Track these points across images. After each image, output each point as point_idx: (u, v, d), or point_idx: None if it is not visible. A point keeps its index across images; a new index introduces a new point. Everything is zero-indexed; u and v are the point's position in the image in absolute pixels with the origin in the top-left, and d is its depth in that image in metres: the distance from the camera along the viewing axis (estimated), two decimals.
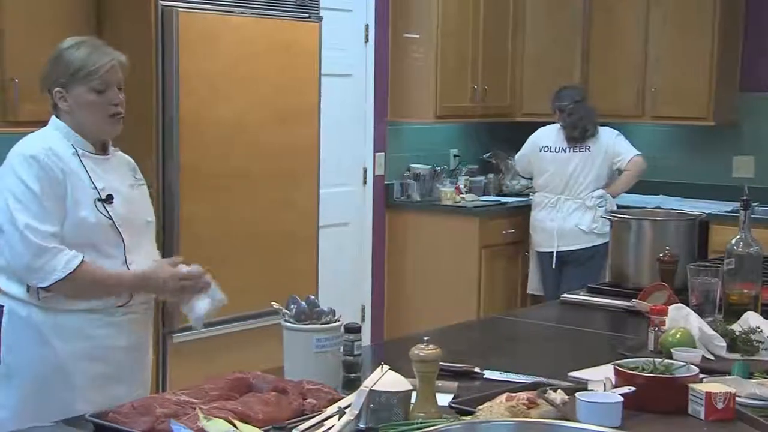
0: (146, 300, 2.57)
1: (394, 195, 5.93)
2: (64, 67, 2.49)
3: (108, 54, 2.50)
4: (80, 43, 2.53)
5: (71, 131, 2.50)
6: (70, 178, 2.44)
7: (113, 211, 2.48)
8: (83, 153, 2.49)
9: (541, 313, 3.51)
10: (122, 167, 2.61)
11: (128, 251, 2.50)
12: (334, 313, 2.28)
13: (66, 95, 2.49)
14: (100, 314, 2.46)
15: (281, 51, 4.37)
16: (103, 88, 2.48)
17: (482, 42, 5.95)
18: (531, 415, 1.92)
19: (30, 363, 2.46)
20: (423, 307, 5.73)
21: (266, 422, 1.91)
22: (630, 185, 5.46)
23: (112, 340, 2.48)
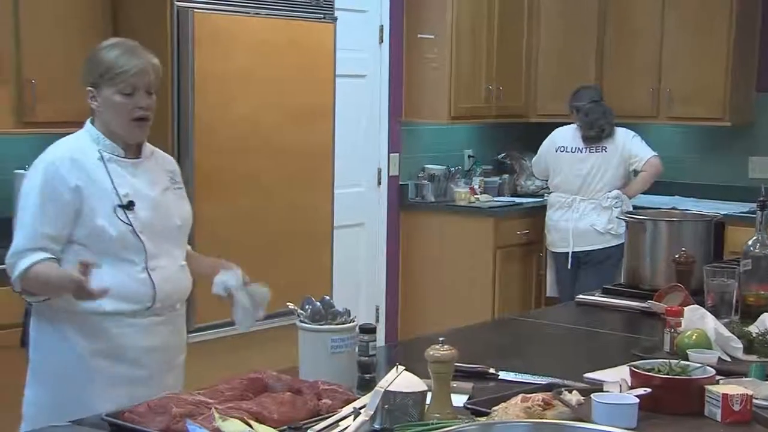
0: (172, 303, 2.56)
1: (408, 196, 5.92)
2: (95, 67, 2.50)
3: (139, 57, 2.49)
4: (115, 44, 2.53)
5: (101, 135, 2.51)
6: (87, 185, 2.44)
7: (134, 217, 2.47)
8: (110, 158, 2.49)
9: (556, 314, 3.51)
10: (156, 170, 2.59)
11: (150, 257, 2.49)
12: (349, 314, 2.28)
13: (96, 95, 2.50)
14: (125, 316, 2.46)
15: (296, 52, 4.38)
16: (130, 91, 2.47)
17: (497, 43, 5.94)
18: (546, 416, 1.91)
19: (54, 361, 2.48)
20: (437, 307, 5.72)
21: (281, 422, 1.91)
22: (646, 186, 5.43)
23: (135, 341, 2.48)
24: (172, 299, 2.55)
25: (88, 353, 2.45)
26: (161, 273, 2.51)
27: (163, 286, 2.51)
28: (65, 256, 2.47)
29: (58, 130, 4.01)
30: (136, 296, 2.47)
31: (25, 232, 2.45)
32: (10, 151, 4.12)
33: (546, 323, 3.23)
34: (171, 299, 2.55)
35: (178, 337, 2.62)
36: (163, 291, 2.51)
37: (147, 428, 1.91)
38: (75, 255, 2.45)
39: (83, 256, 2.42)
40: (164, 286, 2.51)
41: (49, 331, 2.50)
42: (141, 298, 2.48)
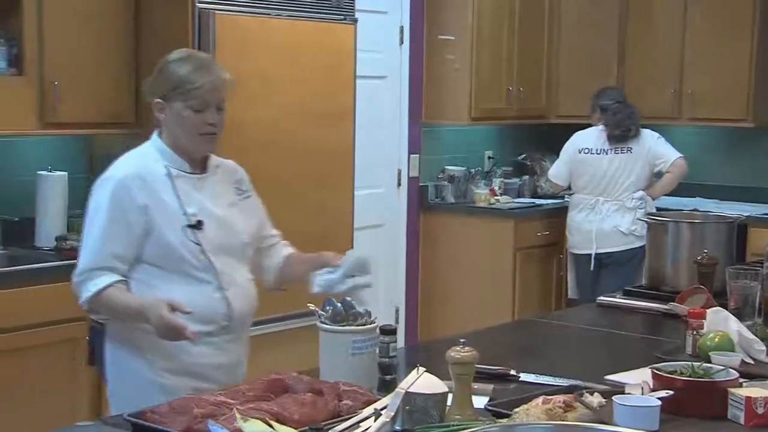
0: (243, 319, 2.53)
1: (428, 197, 5.92)
2: (166, 81, 2.45)
3: (211, 73, 2.44)
4: (186, 57, 2.49)
5: (167, 149, 2.48)
6: (155, 204, 2.42)
7: (203, 236, 2.44)
8: (177, 174, 2.46)
9: (577, 315, 3.49)
10: (222, 184, 2.56)
11: (222, 276, 2.47)
12: (370, 315, 2.28)
13: (165, 108, 2.46)
14: (201, 335, 2.40)
15: (317, 53, 4.39)
16: (201, 108, 2.43)
17: (517, 44, 5.93)
18: (568, 418, 1.90)
19: (132, 381, 2.46)
20: (457, 309, 5.72)
21: (302, 423, 1.91)
22: (671, 187, 5.40)
23: (209, 359, 2.46)
24: (245, 316, 2.54)
25: (166, 372, 2.44)
26: (235, 291, 2.49)
27: (237, 304, 2.49)
28: (137, 275, 2.45)
29: (80, 131, 4.09)
30: (212, 316, 2.45)
31: (92, 250, 2.42)
32: (33, 152, 4.15)
33: (567, 325, 3.22)
34: (244, 316, 2.53)
35: (245, 350, 2.61)
36: (237, 309, 2.49)
37: (169, 428, 1.92)
38: (147, 275, 2.43)
39: (156, 277, 2.42)
40: (239, 304, 2.50)
41: (124, 351, 2.48)
42: (217, 318, 2.46)
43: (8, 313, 3.49)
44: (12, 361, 3.50)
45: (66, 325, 3.62)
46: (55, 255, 3.85)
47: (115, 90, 4.05)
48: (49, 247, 3.94)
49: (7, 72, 3.78)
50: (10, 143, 4.08)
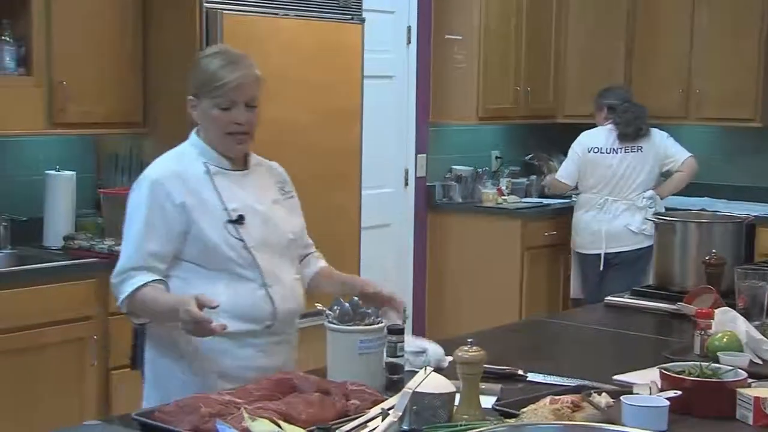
0: (290, 320, 2.46)
1: (435, 197, 5.92)
2: (196, 76, 2.41)
3: (239, 69, 2.38)
4: (217, 53, 2.44)
5: (206, 147, 2.43)
6: (195, 201, 2.37)
7: (246, 232, 2.38)
8: (216, 171, 2.42)
9: (584, 315, 3.49)
10: (264, 181, 2.51)
11: (266, 273, 2.40)
12: (377, 315, 2.28)
13: (197, 105, 2.42)
14: (245, 336, 2.37)
15: (324, 53, 4.39)
16: (228, 106, 2.38)
17: (525, 43, 5.92)
18: (576, 418, 1.90)
19: (172, 383, 2.39)
20: (464, 309, 5.71)
21: (309, 423, 1.91)
22: (681, 186, 5.39)
23: (254, 362, 2.38)
24: (291, 316, 2.46)
25: (208, 375, 2.35)
26: (279, 289, 2.42)
27: (282, 302, 2.42)
28: (177, 274, 2.40)
29: (88, 131, 4.10)
30: (255, 315, 2.38)
31: (130, 249, 2.38)
32: (41, 152, 4.16)
33: (575, 325, 3.21)
34: (290, 316, 2.46)
35: (293, 354, 2.51)
36: (282, 308, 2.42)
37: (176, 428, 1.92)
38: (187, 273, 2.38)
39: (197, 275, 2.36)
40: (283, 303, 2.42)
41: (164, 354, 2.43)
42: (261, 317, 2.39)
43: (16, 313, 3.50)
44: (20, 360, 3.51)
45: (73, 324, 3.63)
46: (63, 255, 3.86)
47: (123, 90, 4.06)
48: (57, 247, 3.95)
49: (16, 72, 3.79)
50: (18, 143, 4.09)
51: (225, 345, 2.35)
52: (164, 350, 2.44)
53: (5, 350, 3.47)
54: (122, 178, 4.27)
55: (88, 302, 3.67)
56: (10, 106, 3.72)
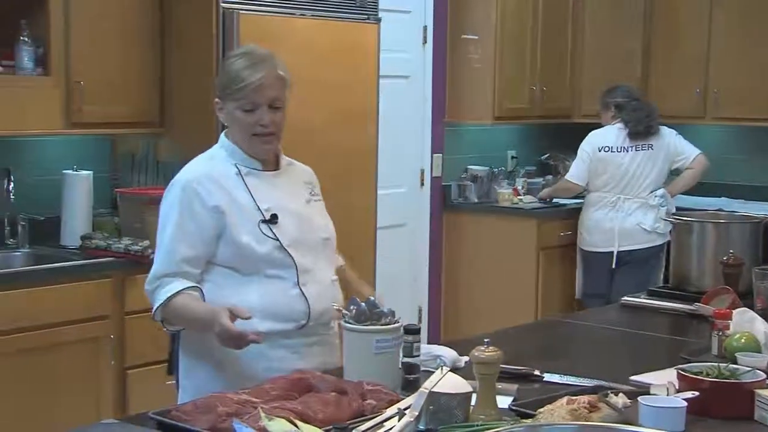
0: (326, 321, 2.42)
1: (451, 196, 5.91)
2: (221, 78, 2.41)
3: (260, 70, 2.35)
4: (243, 54, 2.41)
5: (236, 149, 2.41)
6: (227, 203, 2.35)
7: (280, 231, 2.37)
8: (248, 171, 2.40)
9: (601, 315, 3.48)
10: (295, 182, 2.50)
11: (301, 272, 2.38)
12: (394, 314, 2.28)
13: (223, 107, 2.41)
14: (279, 336, 2.35)
15: (340, 52, 4.39)
16: (251, 108, 2.36)
17: (541, 43, 5.91)
18: (592, 418, 1.89)
19: (201, 387, 2.33)
20: (480, 308, 5.70)
21: (326, 422, 1.91)
22: (692, 184, 5.37)
23: (289, 363, 2.32)
24: (326, 316, 2.42)
25: (242, 379, 2.29)
26: (314, 288, 2.39)
27: (317, 301, 2.39)
28: (210, 278, 2.38)
29: (105, 130, 4.11)
30: (290, 314, 2.36)
31: (163, 255, 2.36)
32: (59, 152, 4.18)
33: (591, 325, 3.20)
34: (325, 316, 2.42)
35: (331, 359, 2.44)
36: (317, 307, 2.39)
37: (193, 426, 1.92)
38: (221, 277, 2.37)
39: (231, 279, 2.35)
40: (318, 302, 2.39)
41: (197, 360, 2.42)
42: (295, 316, 2.36)
43: (34, 312, 3.52)
44: (37, 359, 3.53)
45: (90, 323, 3.65)
46: (80, 254, 3.88)
47: (140, 90, 4.08)
48: (74, 246, 3.97)
49: (34, 72, 3.81)
50: (36, 143, 4.11)
51: (260, 347, 2.30)
52: (198, 357, 2.42)
53: (23, 349, 3.49)
54: (139, 178, 4.29)
55: (104, 301, 3.69)
56: (28, 106, 3.74)
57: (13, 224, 3.99)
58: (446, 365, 2.29)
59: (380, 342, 2.21)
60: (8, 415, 3.45)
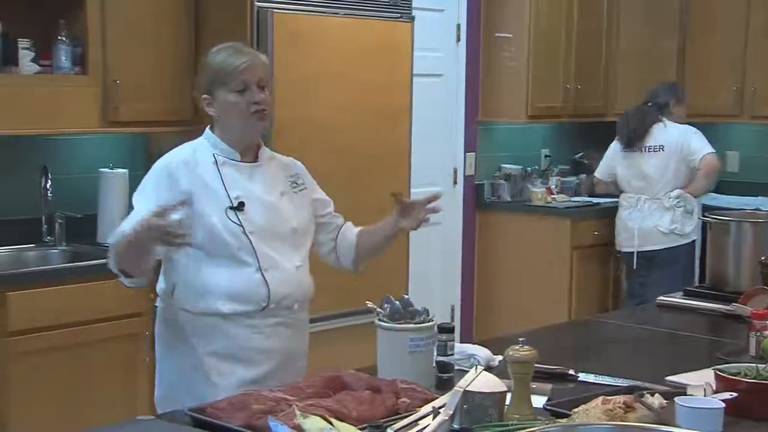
0: (288, 304, 2.52)
1: (484, 195, 5.90)
2: (206, 74, 2.52)
3: (245, 54, 2.50)
4: (221, 48, 2.55)
5: (218, 140, 2.53)
6: (200, 189, 2.46)
7: (245, 218, 2.47)
8: (224, 161, 2.51)
9: (636, 315, 3.45)
10: (274, 175, 2.59)
11: (263, 258, 2.48)
12: (428, 313, 2.28)
13: (212, 101, 2.51)
14: (242, 317, 2.47)
15: (374, 51, 4.40)
16: (242, 88, 2.47)
17: (575, 41, 5.88)
18: (628, 419, 1.88)
19: (175, 362, 2.53)
20: (512, 308, 5.69)
21: (360, 420, 1.92)
22: (707, 185, 5.31)
23: (251, 342, 2.47)
24: (288, 300, 2.52)
25: (207, 355, 2.47)
26: (276, 274, 2.49)
27: (278, 287, 2.49)
28: (184, 260, 2.48)
29: (141, 129, 4.14)
30: (251, 297, 2.47)
31: (129, 218, 2.45)
32: (96, 150, 4.22)
33: (626, 325, 3.18)
34: (287, 300, 2.52)
35: (297, 341, 2.58)
36: (278, 292, 2.49)
37: (228, 423, 1.94)
38: (193, 259, 2.46)
39: (201, 260, 2.45)
40: (280, 287, 2.49)
41: (171, 333, 2.54)
42: (256, 299, 2.47)
43: (70, 309, 3.56)
44: (74, 355, 3.57)
45: (126, 320, 3.68)
46: None
47: (175, 89, 4.10)
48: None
49: (71, 71, 3.85)
50: (73, 141, 4.15)
51: (225, 326, 2.46)
52: (170, 333, 2.54)
53: (59, 346, 3.53)
54: None
55: (139, 298, 3.72)
56: (65, 105, 3.79)
57: (50, 222, 4.04)
58: (480, 364, 2.29)
59: (414, 341, 2.21)
60: (45, 411, 3.50)
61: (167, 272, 2.54)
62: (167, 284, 2.54)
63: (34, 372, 3.49)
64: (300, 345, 2.61)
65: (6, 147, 3.96)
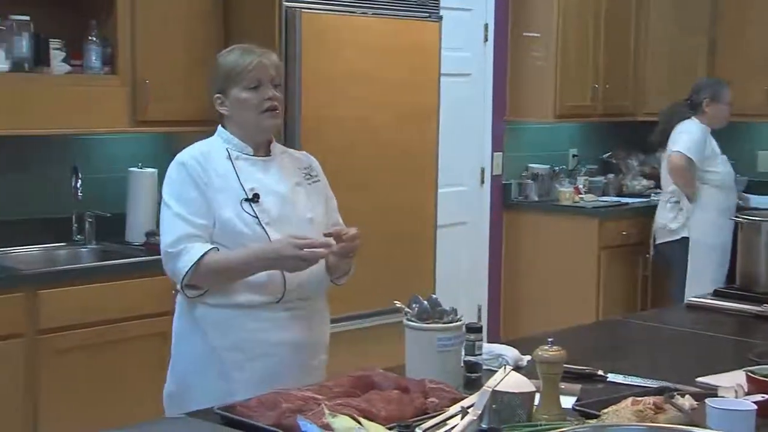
0: (304, 296, 2.54)
1: (511, 195, 5.88)
2: (218, 73, 2.56)
3: (256, 53, 2.55)
4: (232, 49, 2.61)
5: (231, 136, 2.57)
6: (217, 181, 2.50)
7: (260, 209, 2.50)
8: (237, 156, 2.54)
9: (665, 316, 3.43)
10: (287, 168, 2.61)
11: None
12: (456, 313, 2.28)
13: (225, 99, 2.55)
14: (258, 309, 2.49)
15: (402, 51, 4.40)
16: (255, 85, 2.52)
17: (603, 40, 5.85)
18: (658, 420, 1.87)
19: (191, 355, 2.55)
20: (539, 308, 5.67)
21: (389, 420, 1.92)
22: (678, 184, 5.22)
23: (267, 335, 2.50)
24: (304, 292, 2.54)
25: (223, 346, 2.49)
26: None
27: (293, 278, 2.49)
28: None
29: (170, 129, 4.16)
30: (267, 288, 2.49)
31: (174, 223, 2.47)
32: (125, 150, 4.25)
33: (655, 325, 3.16)
34: (303, 292, 2.54)
35: (315, 334, 2.60)
36: (293, 283, 2.50)
37: (257, 422, 1.94)
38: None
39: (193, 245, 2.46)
40: (295, 278, 2.50)
41: (188, 326, 2.56)
42: (272, 290, 2.49)
43: (100, 307, 3.58)
44: (104, 353, 3.60)
45: (156, 318, 3.69)
46: (145, 250, 3.93)
47: (203, 89, 4.08)
48: (139, 243, 4.04)
49: (101, 71, 3.88)
50: (103, 141, 4.19)
51: (242, 318, 2.48)
52: (187, 326, 2.56)
53: (90, 344, 3.56)
54: None
55: (168, 297, 3.71)
56: (95, 105, 3.82)
57: (80, 221, 4.07)
58: (509, 364, 2.29)
59: (442, 340, 2.21)
60: (75, 409, 3.53)
61: None
62: None
63: (65, 370, 3.52)
64: (319, 337, 2.62)
65: (37, 146, 4.00)
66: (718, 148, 5.22)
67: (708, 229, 5.14)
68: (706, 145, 5.16)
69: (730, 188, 5.26)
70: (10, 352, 3.42)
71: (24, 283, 3.47)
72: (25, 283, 3.47)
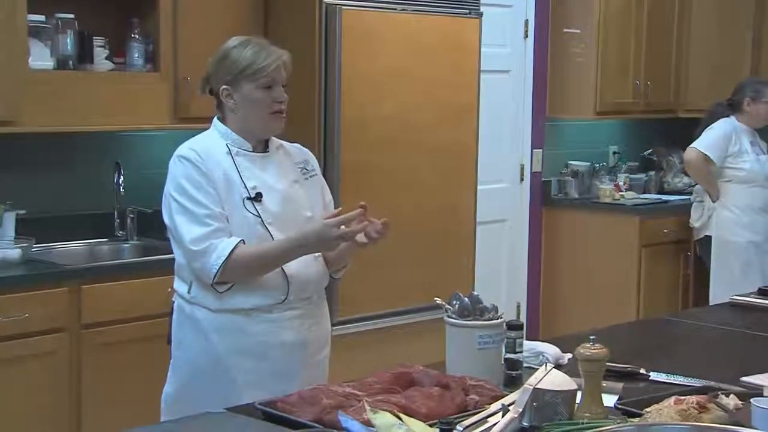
0: (307, 295, 2.55)
1: (551, 192, 5.85)
2: (231, 66, 2.52)
3: (274, 53, 2.53)
4: (246, 42, 2.56)
5: (229, 131, 2.54)
6: (219, 178, 2.47)
7: (263, 208, 2.49)
8: (237, 152, 2.52)
9: (709, 314, 3.39)
10: (284, 163, 2.60)
11: None
12: (497, 310, 2.27)
13: (233, 92, 2.52)
14: (261, 311, 2.48)
15: (442, 48, 4.39)
16: (270, 85, 2.51)
17: (645, 36, 5.79)
18: (703, 419, 1.85)
19: (194, 358, 2.53)
20: (579, 306, 5.63)
21: (429, 417, 1.92)
22: (696, 180, 5.35)
23: (270, 337, 2.49)
24: (306, 291, 2.54)
25: (227, 351, 2.48)
26: (294, 265, 2.49)
27: (296, 277, 2.50)
28: None
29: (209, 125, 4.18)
30: (270, 289, 2.48)
31: (194, 218, 2.45)
32: (167, 146, 4.25)
33: (698, 324, 3.13)
34: (305, 291, 2.54)
35: (318, 331, 2.61)
36: (296, 282, 2.50)
37: (299, 418, 1.95)
38: None
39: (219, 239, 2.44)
40: (297, 277, 2.50)
41: (189, 329, 2.54)
42: (275, 291, 2.49)
43: (142, 302, 3.61)
44: (145, 348, 3.61)
45: None
46: None
47: None
48: None
49: (144, 69, 3.92)
50: (145, 137, 4.23)
51: (245, 321, 2.47)
52: (189, 328, 2.54)
53: (132, 339, 3.60)
54: None
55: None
56: (138, 102, 3.86)
57: (122, 217, 4.11)
58: (550, 362, 2.28)
59: (483, 337, 2.21)
60: (118, 403, 3.56)
61: (182, 270, 2.55)
62: (185, 282, 2.54)
63: (107, 364, 3.57)
64: (321, 335, 2.62)
65: (80, 143, 4.05)
66: (749, 145, 5.15)
67: (730, 226, 5.10)
68: (730, 142, 5.12)
69: (760, 186, 5.18)
70: (54, 346, 3.46)
71: (67, 278, 3.52)
72: (68, 278, 3.52)
